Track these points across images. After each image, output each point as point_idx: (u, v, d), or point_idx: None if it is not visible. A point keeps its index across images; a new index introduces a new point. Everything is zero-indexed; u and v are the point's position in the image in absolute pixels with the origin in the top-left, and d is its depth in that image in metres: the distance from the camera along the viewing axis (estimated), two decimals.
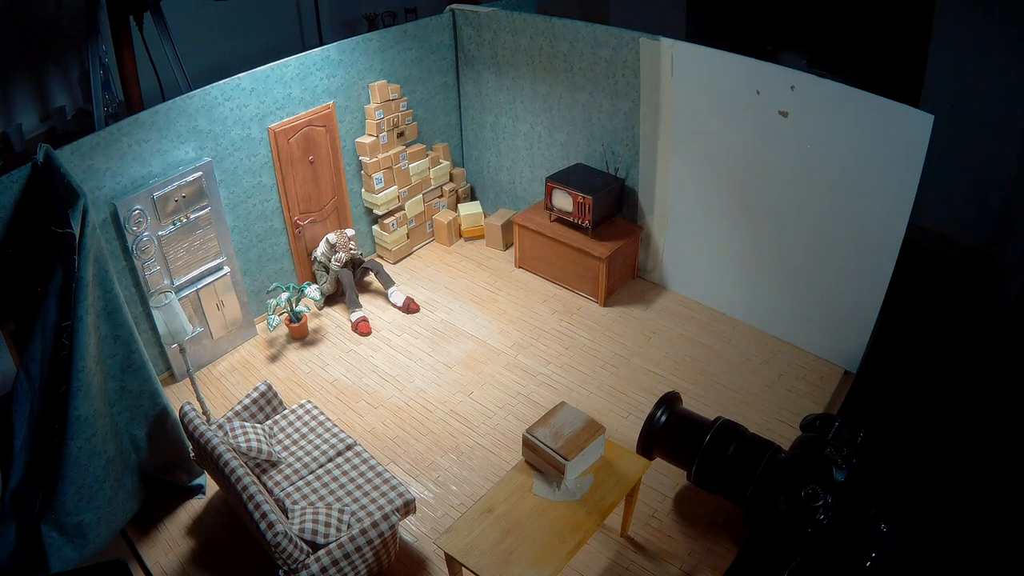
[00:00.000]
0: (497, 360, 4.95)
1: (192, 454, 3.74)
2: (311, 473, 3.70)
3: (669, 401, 3.71)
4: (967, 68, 5.48)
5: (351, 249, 5.42)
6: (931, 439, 4.30)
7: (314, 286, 5.25)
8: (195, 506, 3.98)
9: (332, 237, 5.35)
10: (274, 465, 3.73)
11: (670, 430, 3.63)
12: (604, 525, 3.59)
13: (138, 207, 4.25)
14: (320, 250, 5.42)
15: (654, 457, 3.71)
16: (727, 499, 3.58)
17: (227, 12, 6.32)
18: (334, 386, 4.79)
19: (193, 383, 4.27)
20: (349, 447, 3.84)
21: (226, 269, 4.87)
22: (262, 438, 3.73)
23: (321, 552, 3.13)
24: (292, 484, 3.63)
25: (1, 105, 5.34)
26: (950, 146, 5.07)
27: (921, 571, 3.52)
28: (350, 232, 5.46)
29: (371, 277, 5.65)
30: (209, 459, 3.37)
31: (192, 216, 4.55)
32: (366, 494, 3.53)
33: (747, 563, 3.10)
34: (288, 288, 5.11)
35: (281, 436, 3.92)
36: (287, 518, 3.32)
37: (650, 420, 3.64)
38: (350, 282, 5.36)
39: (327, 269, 5.44)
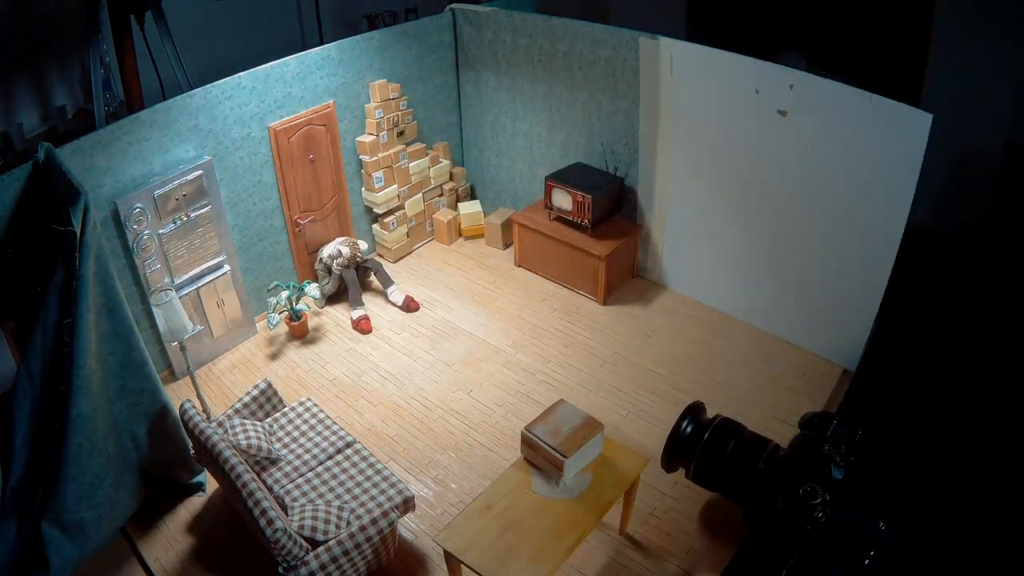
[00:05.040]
0: (496, 358, 4.96)
1: (192, 452, 3.75)
2: (311, 470, 3.71)
3: (694, 412, 3.67)
4: (967, 68, 5.48)
5: (357, 258, 5.45)
6: (930, 437, 4.30)
7: (314, 285, 5.26)
8: (195, 504, 3.99)
9: (345, 250, 5.36)
10: (274, 462, 3.74)
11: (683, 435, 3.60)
12: (603, 522, 3.59)
13: (139, 205, 4.26)
14: (327, 252, 5.43)
15: (678, 468, 3.67)
16: (726, 497, 3.59)
17: (228, 11, 6.33)
18: (334, 384, 4.80)
19: (193, 381, 4.28)
20: (349, 445, 3.85)
21: (226, 267, 4.88)
22: (262, 435, 3.74)
23: (320, 549, 3.14)
24: (292, 481, 3.65)
25: (2, 104, 5.34)
26: (949, 145, 5.08)
27: (920, 569, 3.52)
28: (363, 245, 5.54)
29: (371, 276, 5.67)
30: (209, 456, 3.38)
31: (192, 214, 4.56)
32: (365, 491, 3.55)
33: (746, 561, 3.11)
34: (288, 286, 5.12)
35: (281, 434, 3.94)
36: (287, 515, 3.33)
37: (675, 432, 3.60)
38: (354, 280, 5.38)
39: (330, 271, 5.45)
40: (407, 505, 3.52)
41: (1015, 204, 5.43)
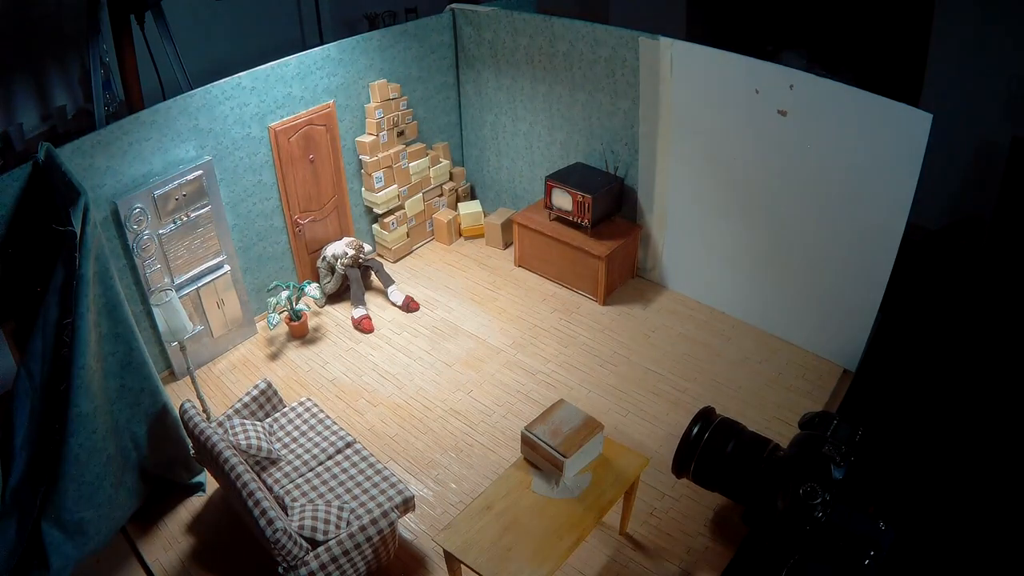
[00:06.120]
0: (496, 358, 4.96)
1: (192, 452, 3.75)
2: (311, 471, 3.71)
3: (705, 417, 3.63)
4: (967, 68, 5.49)
5: (360, 259, 5.47)
6: (930, 437, 4.30)
7: (314, 284, 5.26)
8: (195, 504, 3.99)
9: (350, 251, 5.39)
10: (274, 462, 3.74)
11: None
12: (603, 523, 3.60)
13: (139, 205, 4.26)
14: (331, 251, 5.44)
15: (688, 474, 3.67)
16: (726, 497, 3.59)
17: (228, 11, 6.33)
18: (334, 384, 4.80)
19: (193, 381, 4.28)
20: (349, 445, 3.85)
21: (226, 267, 4.88)
22: (262, 436, 3.74)
23: (320, 549, 3.14)
24: (292, 481, 3.65)
25: (2, 104, 5.34)
26: (949, 145, 5.07)
27: (920, 570, 3.52)
28: (368, 248, 5.59)
29: (371, 275, 5.67)
30: (209, 456, 3.38)
31: (193, 215, 4.56)
32: (365, 491, 3.55)
33: (745, 561, 3.11)
34: (288, 286, 5.12)
35: (281, 434, 3.94)
36: (287, 515, 3.33)
37: (687, 437, 3.58)
38: (358, 280, 5.38)
39: (333, 270, 5.46)
40: (407, 505, 3.52)
41: (1019, 201, 5.43)
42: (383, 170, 5.68)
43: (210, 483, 4.08)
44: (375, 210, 5.82)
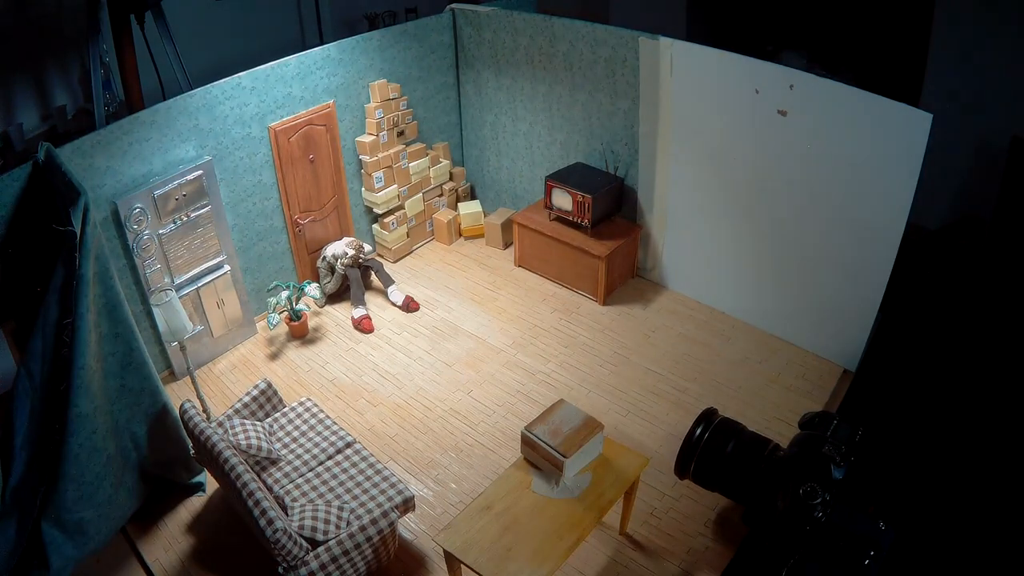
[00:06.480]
0: (496, 358, 4.96)
1: (192, 452, 3.75)
2: (311, 471, 3.71)
3: (708, 418, 3.63)
4: (966, 67, 5.49)
5: (360, 259, 5.47)
6: (930, 437, 4.30)
7: (314, 285, 5.26)
8: (195, 504, 3.99)
9: (351, 251, 5.39)
10: (274, 463, 3.74)
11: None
12: (603, 523, 3.60)
13: (139, 205, 4.26)
14: (331, 251, 5.44)
15: (686, 477, 3.67)
16: (726, 497, 3.59)
17: (228, 11, 6.33)
18: (334, 384, 4.80)
19: (193, 381, 4.28)
20: (348, 445, 3.85)
21: (226, 267, 4.88)
22: (262, 436, 3.74)
23: (320, 549, 3.14)
24: (292, 481, 3.65)
25: (2, 104, 5.34)
26: (949, 145, 5.07)
27: (920, 570, 3.52)
28: (368, 248, 5.60)
29: (371, 275, 5.67)
30: (209, 456, 3.38)
31: (193, 214, 4.56)
32: (365, 491, 3.55)
33: (745, 561, 3.11)
34: (288, 286, 5.12)
35: (281, 434, 3.94)
36: (287, 515, 3.34)
37: (689, 438, 3.58)
38: (358, 280, 5.39)
39: (333, 270, 5.46)
40: (407, 505, 3.52)
41: (1018, 201, 5.43)
42: (383, 170, 5.67)
43: (210, 483, 4.08)
44: (375, 210, 5.82)
